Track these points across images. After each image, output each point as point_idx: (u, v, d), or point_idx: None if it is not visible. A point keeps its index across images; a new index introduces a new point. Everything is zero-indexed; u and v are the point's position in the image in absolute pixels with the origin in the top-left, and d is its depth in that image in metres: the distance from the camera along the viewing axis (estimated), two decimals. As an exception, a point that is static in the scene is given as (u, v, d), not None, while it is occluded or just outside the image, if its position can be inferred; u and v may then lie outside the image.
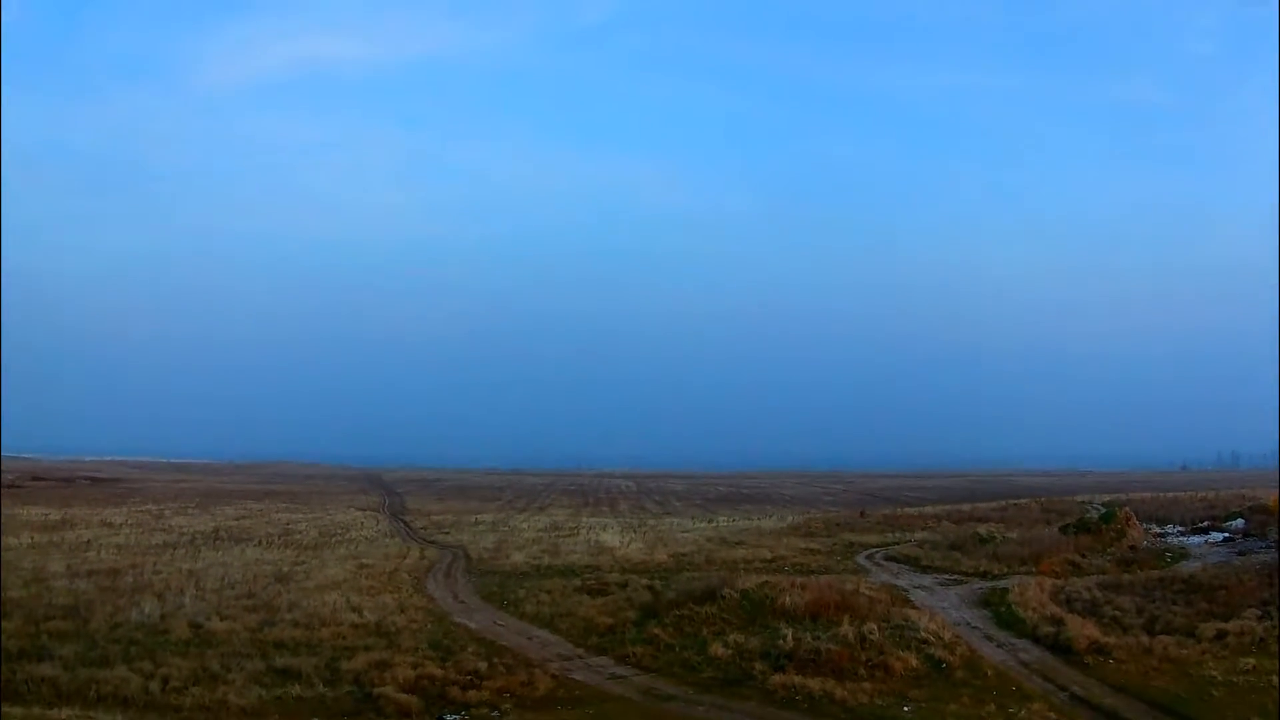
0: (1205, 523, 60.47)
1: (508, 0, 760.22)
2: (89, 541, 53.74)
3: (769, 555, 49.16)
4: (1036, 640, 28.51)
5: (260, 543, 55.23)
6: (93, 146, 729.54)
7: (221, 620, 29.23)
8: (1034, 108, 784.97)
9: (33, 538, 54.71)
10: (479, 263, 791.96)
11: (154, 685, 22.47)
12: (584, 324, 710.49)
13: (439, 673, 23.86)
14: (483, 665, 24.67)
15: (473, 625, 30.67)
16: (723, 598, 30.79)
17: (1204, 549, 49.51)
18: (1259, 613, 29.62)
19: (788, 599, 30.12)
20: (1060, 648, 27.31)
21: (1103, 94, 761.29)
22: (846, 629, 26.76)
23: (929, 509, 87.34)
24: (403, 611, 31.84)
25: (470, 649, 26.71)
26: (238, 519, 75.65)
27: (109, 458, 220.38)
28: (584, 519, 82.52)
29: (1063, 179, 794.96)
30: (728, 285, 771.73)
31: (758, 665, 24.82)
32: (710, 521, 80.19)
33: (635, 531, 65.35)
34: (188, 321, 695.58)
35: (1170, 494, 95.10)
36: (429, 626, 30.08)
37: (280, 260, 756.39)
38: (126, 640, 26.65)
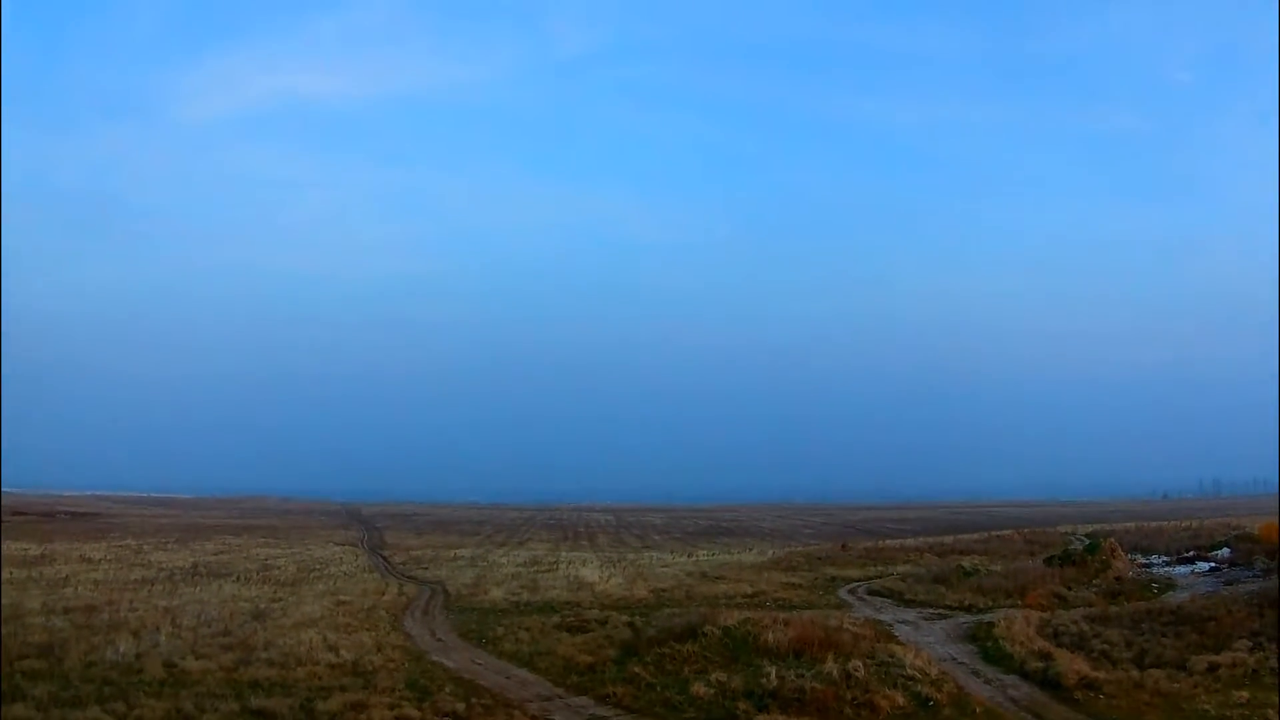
0: (1191, 552, 60.47)
1: (487, 36, 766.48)
2: (67, 577, 53.05)
3: (750, 590, 48.85)
4: (1025, 675, 28.23)
5: (239, 578, 54.63)
6: (74, 181, 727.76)
7: (197, 659, 28.74)
8: (1014, 138, 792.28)
9: (11, 573, 54.00)
10: (458, 297, 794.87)
11: (127, 727, 22.06)
12: (563, 357, 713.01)
13: (416, 714, 23.48)
14: (460, 706, 24.28)
15: (450, 664, 30.26)
16: (704, 635, 30.49)
17: (1191, 579, 49.46)
18: (1250, 644, 29.50)
19: (770, 636, 29.85)
20: (1049, 683, 27.01)
21: (1083, 124, 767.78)
22: (831, 666, 26.48)
23: (910, 541, 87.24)
24: (380, 650, 31.41)
25: (448, 689, 26.33)
26: (216, 554, 74.94)
27: (89, 492, 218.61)
28: (563, 553, 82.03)
29: (1043, 209, 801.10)
30: (706, 317, 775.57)
31: (741, 705, 24.48)
32: (690, 555, 79.84)
33: (615, 566, 64.98)
34: (167, 356, 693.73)
35: (1154, 523, 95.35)
36: (406, 665, 29.66)
37: (260, 294, 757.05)
38: (101, 680, 26.14)
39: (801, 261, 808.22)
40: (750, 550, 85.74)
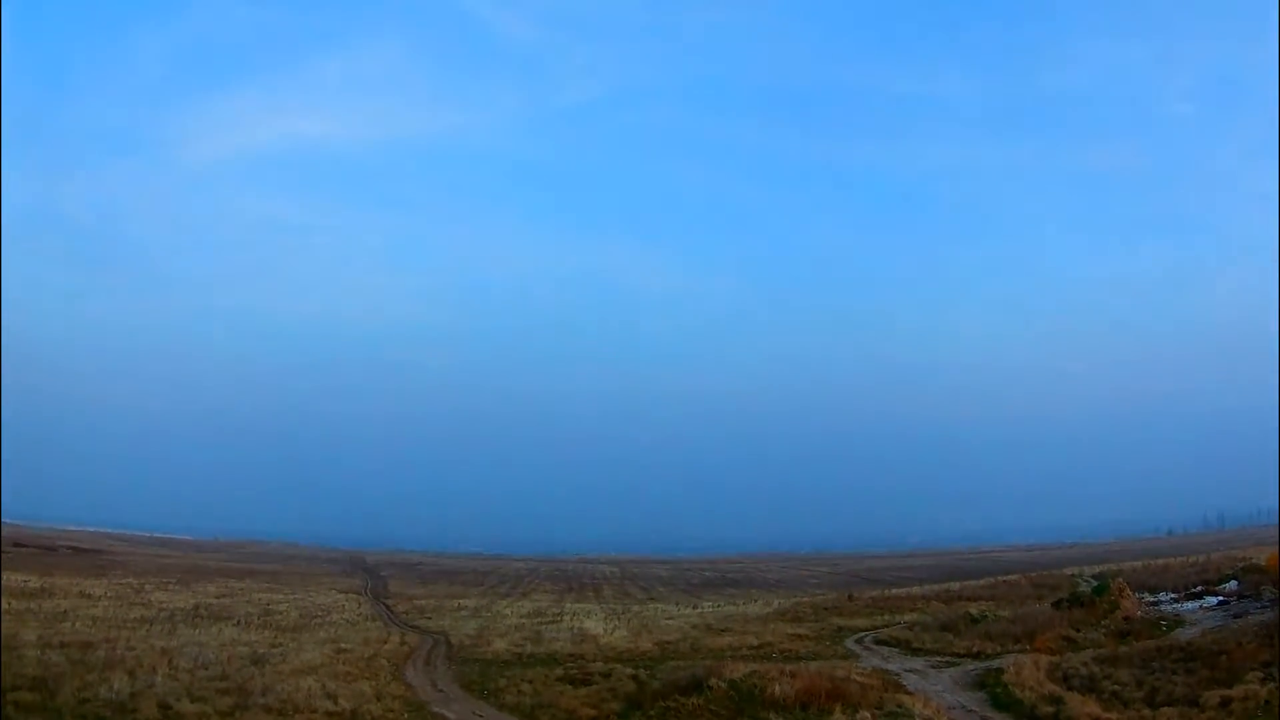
0: (1198, 587, 59.78)
1: (490, 81, 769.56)
2: (66, 611, 52.54)
3: (756, 642, 48.29)
4: (1035, 720, 27.79)
5: (239, 622, 54.11)
6: (80, 218, 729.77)
7: (192, 702, 28.21)
8: (1015, 178, 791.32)
9: (10, 604, 53.52)
10: (463, 344, 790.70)
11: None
12: (567, 406, 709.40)
13: (414, 764, 23.02)
14: (460, 757, 23.82)
15: (451, 716, 29.76)
16: (709, 688, 29.95)
17: (1199, 614, 48.93)
18: (1262, 675, 29.10)
19: (777, 688, 29.31)
20: (1061, 727, 26.53)
21: (1083, 161, 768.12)
22: (839, 718, 25.99)
23: (916, 589, 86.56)
24: (379, 700, 30.87)
25: (447, 740, 25.85)
26: (218, 597, 74.47)
27: (93, 529, 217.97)
28: (567, 605, 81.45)
29: (1043, 247, 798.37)
30: (709, 366, 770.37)
31: (746, 760, 24.00)
32: (695, 607, 79.22)
33: (619, 618, 64.40)
34: (173, 394, 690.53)
35: (1161, 560, 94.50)
36: (405, 716, 29.18)
37: (266, 337, 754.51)
38: (93, 717, 25.72)
39: (804, 308, 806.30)
40: (756, 601, 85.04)
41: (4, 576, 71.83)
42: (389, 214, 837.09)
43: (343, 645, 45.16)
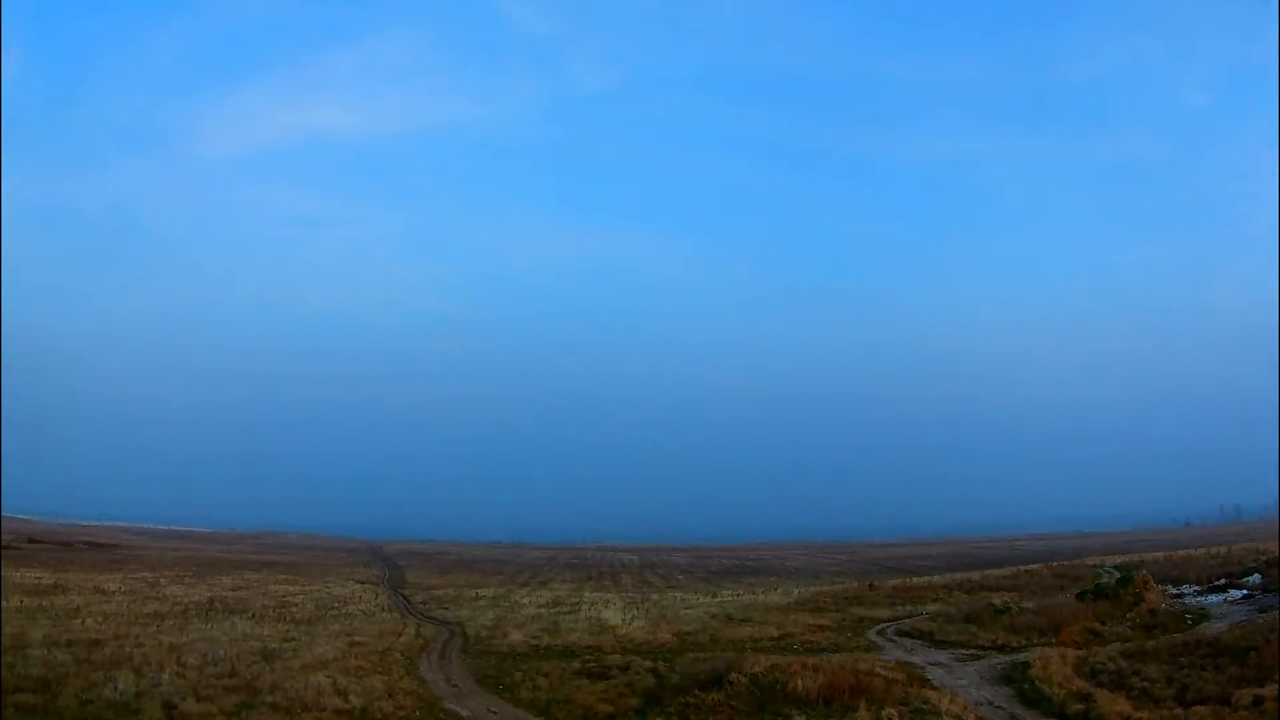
0: (1221, 580, 58.93)
1: (506, 72, 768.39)
2: (78, 608, 51.92)
3: (776, 633, 47.45)
4: (1065, 719, 26.90)
5: (254, 615, 53.47)
6: (96, 211, 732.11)
7: (198, 701, 27.55)
8: (1032, 168, 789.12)
9: (21, 601, 53.00)
10: (482, 333, 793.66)
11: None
12: (587, 394, 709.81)
13: (424, 766, 22.23)
14: (472, 757, 23.02)
15: (464, 713, 28.97)
16: (730, 683, 29.14)
17: (1224, 608, 48.07)
18: (1293, 673, 28.10)
19: (799, 683, 28.47)
20: (1092, 725, 25.66)
21: (1100, 151, 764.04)
22: (864, 715, 25.17)
23: (938, 579, 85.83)
24: (391, 696, 30.10)
25: (459, 739, 25.05)
26: (234, 590, 73.85)
27: (110, 523, 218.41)
28: (586, 594, 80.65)
29: (1062, 237, 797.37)
30: (728, 354, 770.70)
31: (768, 759, 23.16)
32: (714, 596, 78.36)
33: (638, 608, 63.59)
34: (190, 385, 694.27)
35: (1182, 552, 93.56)
36: (417, 714, 28.39)
37: (284, 329, 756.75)
38: (95, 718, 24.99)
39: (820, 295, 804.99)
40: (775, 590, 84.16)
41: (18, 574, 71.54)
42: (406, 205, 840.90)
43: (357, 638, 44.50)
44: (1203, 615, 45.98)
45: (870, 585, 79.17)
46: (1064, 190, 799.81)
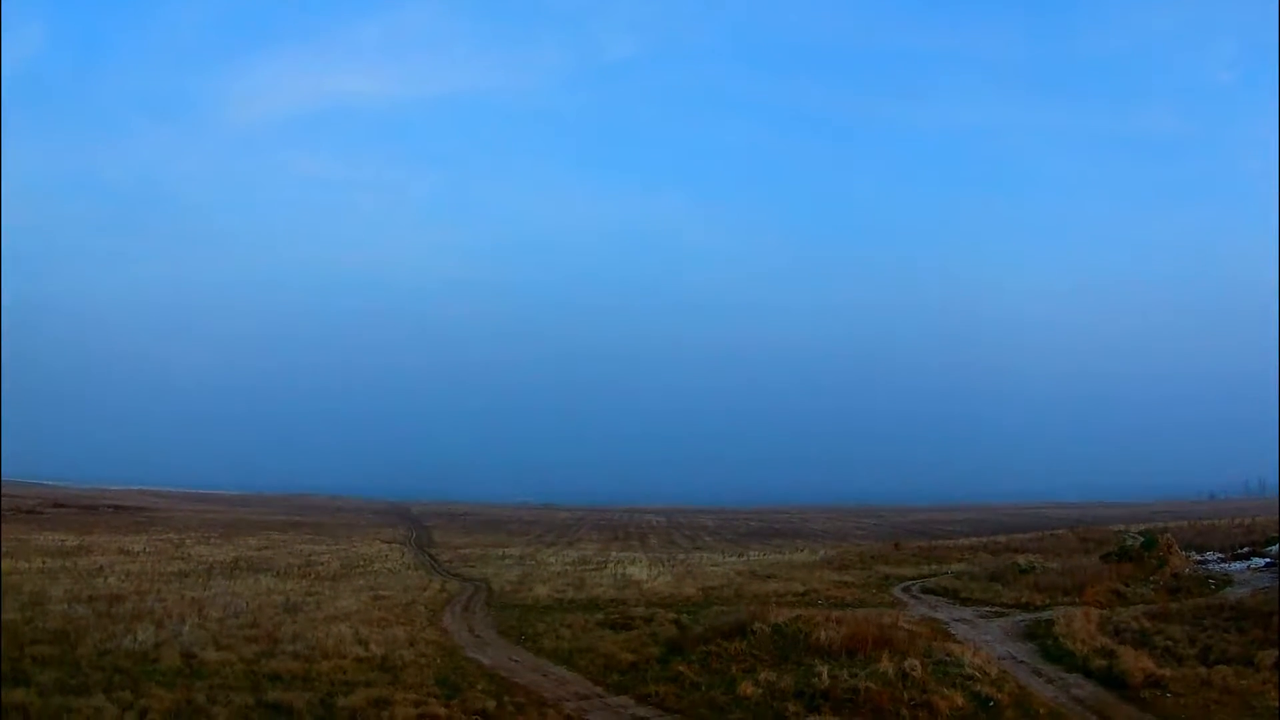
0: (1245, 548, 58.34)
1: (531, 39, 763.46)
2: (101, 568, 52.09)
3: (801, 589, 47.12)
4: (1088, 674, 26.46)
5: (278, 573, 53.53)
6: (123, 180, 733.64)
7: (217, 650, 27.41)
8: (1054, 141, 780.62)
9: (44, 562, 53.28)
10: (509, 298, 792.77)
11: (130, 717, 20.68)
12: (615, 358, 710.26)
13: (442, 712, 21.96)
14: (491, 704, 22.76)
15: (485, 661, 28.76)
16: (753, 633, 28.82)
17: (1248, 575, 47.57)
18: (1314, 637, 27.81)
19: (823, 634, 28.12)
20: (1114, 681, 25.20)
21: (1122, 126, 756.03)
22: (886, 665, 24.75)
23: (964, 541, 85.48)
24: (412, 645, 29.96)
25: (480, 686, 24.81)
26: (259, 549, 74.17)
27: (136, 487, 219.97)
28: (613, 553, 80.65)
29: (1084, 210, 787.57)
30: (756, 318, 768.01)
31: (791, 706, 22.81)
32: (741, 555, 78.23)
33: (664, 565, 63.52)
34: (220, 353, 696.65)
35: (1206, 521, 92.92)
36: (438, 661, 28.18)
37: (312, 293, 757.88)
38: (112, 668, 24.82)
39: (847, 262, 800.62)
40: (801, 550, 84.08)
41: (41, 537, 72.06)
42: (434, 170, 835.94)
43: (381, 593, 44.49)
44: (1226, 580, 45.57)
45: (896, 545, 78.99)
46: (1086, 163, 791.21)
